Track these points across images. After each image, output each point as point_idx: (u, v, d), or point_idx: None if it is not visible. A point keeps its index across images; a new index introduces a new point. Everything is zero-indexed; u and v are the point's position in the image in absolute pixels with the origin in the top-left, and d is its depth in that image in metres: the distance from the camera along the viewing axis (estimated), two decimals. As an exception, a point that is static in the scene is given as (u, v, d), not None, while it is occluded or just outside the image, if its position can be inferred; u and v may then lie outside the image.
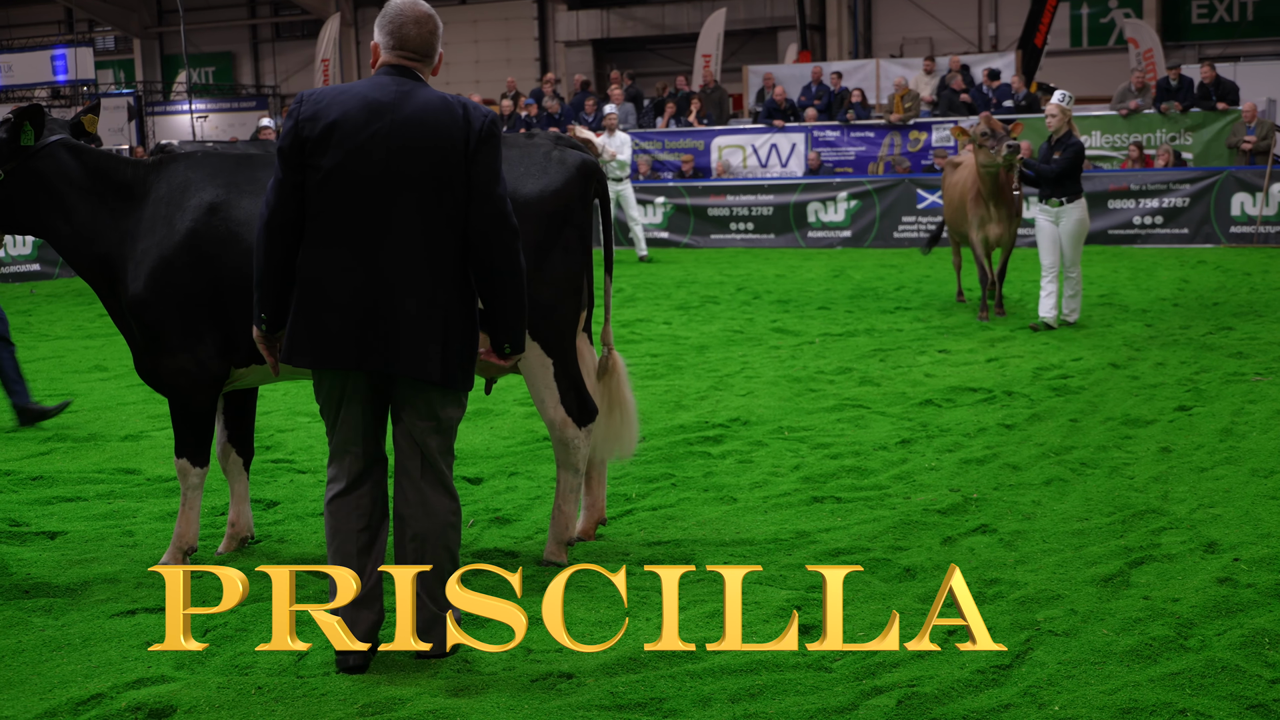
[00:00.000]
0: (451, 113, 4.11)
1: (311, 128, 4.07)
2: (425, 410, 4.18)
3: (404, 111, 4.09)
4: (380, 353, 4.08)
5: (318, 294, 4.10)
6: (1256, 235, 18.09)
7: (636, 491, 6.38)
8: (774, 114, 22.50)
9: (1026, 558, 5.25)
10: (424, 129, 4.08)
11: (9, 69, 31.29)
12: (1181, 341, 10.41)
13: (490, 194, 4.12)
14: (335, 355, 4.10)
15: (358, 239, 4.08)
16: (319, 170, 4.07)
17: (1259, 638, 4.28)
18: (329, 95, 4.14)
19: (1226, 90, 20.03)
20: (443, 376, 4.13)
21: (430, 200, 4.08)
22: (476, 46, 36.16)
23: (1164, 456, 6.81)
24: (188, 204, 5.06)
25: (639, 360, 10.24)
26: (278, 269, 4.15)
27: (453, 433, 4.29)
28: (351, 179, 4.06)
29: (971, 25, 30.69)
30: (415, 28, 4.19)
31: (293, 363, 4.17)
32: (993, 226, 11.75)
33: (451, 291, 4.14)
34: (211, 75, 39.87)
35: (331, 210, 4.08)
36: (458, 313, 4.16)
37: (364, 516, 4.22)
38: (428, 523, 4.22)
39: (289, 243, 4.13)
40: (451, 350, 4.14)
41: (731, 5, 29.82)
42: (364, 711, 3.90)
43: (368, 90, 4.13)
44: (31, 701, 4.05)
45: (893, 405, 8.25)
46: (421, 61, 4.23)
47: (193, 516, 5.33)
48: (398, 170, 4.06)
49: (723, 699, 3.98)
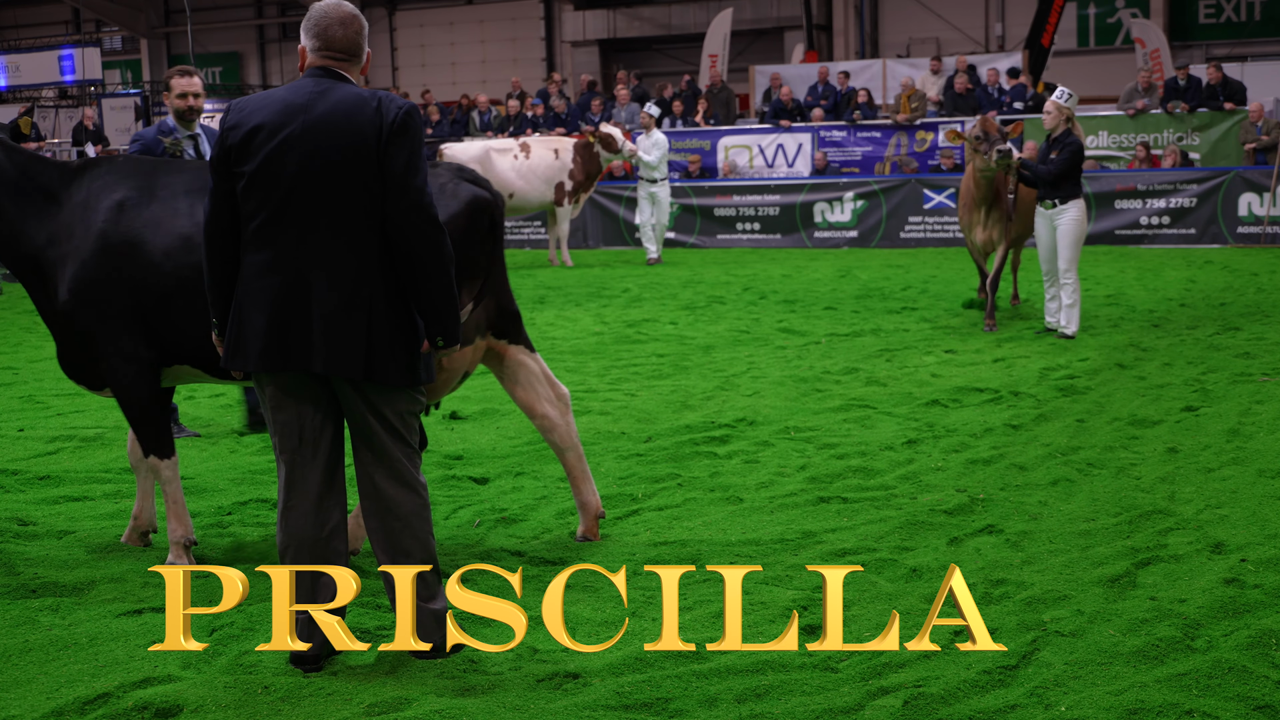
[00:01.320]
0: (364, 108, 4.12)
1: (235, 135, 4.13)
2: (366, 406, 4.18)
3: (317, 111, 4.11)
4: (305, 352, 4.09)
5: (246, 298, 4.15)
6: (1264, 235, 18.06)
7: (643, 491, 6.38)
8: (780, 114, 22.49)
9: (1033, 558, 5.25)
10: (335, 126, 4.09)
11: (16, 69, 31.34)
12: (1188, 342, 10.40)
13: (406, 185, 4.10)
14: (265, 358, 4.12)
15: (278, 241, 4.11)
16: (242, 175, 4.12)
17: (1266, 638, 4.27)
18: (253, 103, 4.19)
19: (1234, 90, 19.99)
20: (368, 372, 4.11)
21: (346, 197, 4.09)
22: (483, 46, 36.16)
23: (1171, 457, 6.80)
24: (100, 207, 5.19)
25: (645, 360, 10.25)
26: (218, 275, 4.23)
27: (404, 426, 4.25)
28: (268, 182, 4.09)
29: (978, 25, 30.65)
30: (341, 29, 4.22)
31: (231, 366, 4.22)
32: (979, 230, 11.54)
33: (376, 287, 4.13)
34: (218, 75, 39.91)
35: (254, 214, 4.13)
36: (384, 308, 4.14)
37: (315, 525, 4.20)
38: (392, 519, 4.23)
39: (225, 249, 4.20)
40: (379, 346, 4.12)
41: (738, 5, 29.81)
42: (370, 711, 3.91)
43: (287, 94, 4.18)
44: (38, 700, 4.06)
45: (899, 405, 8.25)
46: (348, 61, 4.25)
47: (180, 511, 5.38)
48: (311, 170, 4.08)
49: (729, 699, 3.98)
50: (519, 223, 21.97)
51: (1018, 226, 11.64)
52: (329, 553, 4.23)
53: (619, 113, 23.05)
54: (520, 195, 17.89)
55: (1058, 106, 10.65)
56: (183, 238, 5.09)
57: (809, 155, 22.06)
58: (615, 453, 7.15)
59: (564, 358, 10.43)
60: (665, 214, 18.63)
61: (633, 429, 7.73)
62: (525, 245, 22.09)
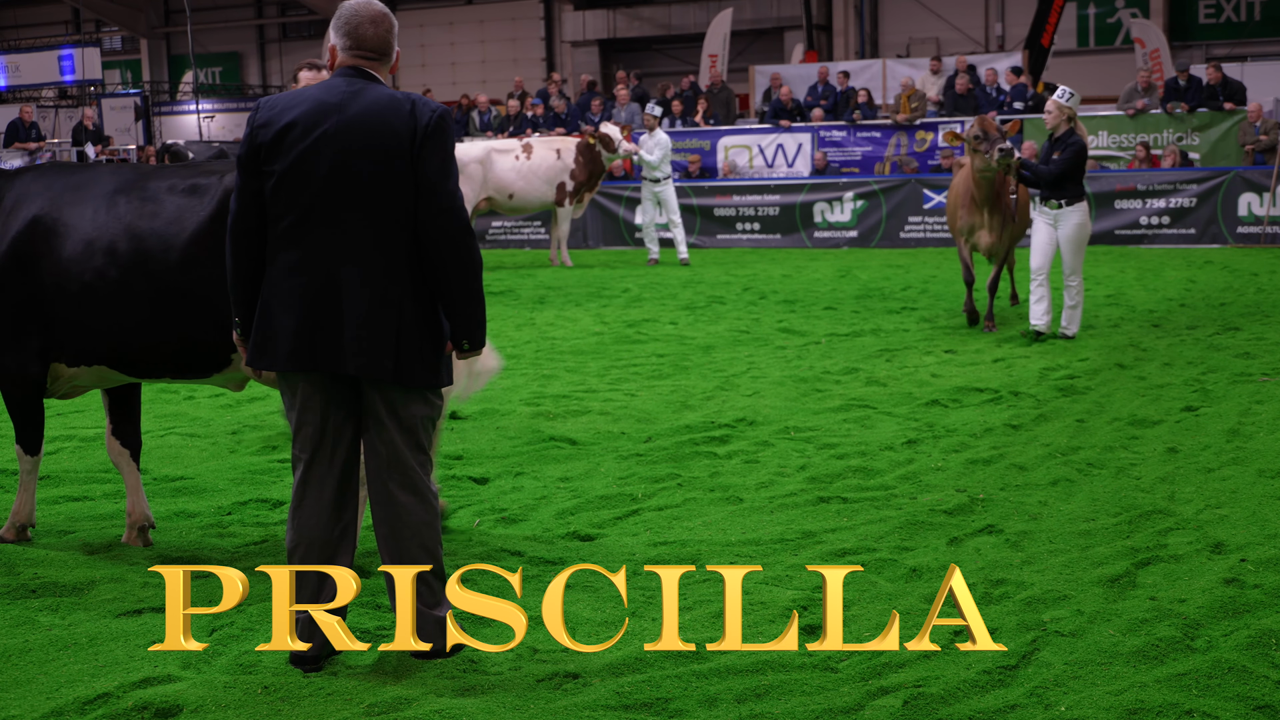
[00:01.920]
0: (398, 110, 4.12)
1: (266, 133, 4.12)
2: (386, 409, 4.17)
3: (351, 111, 4.10)
4: (334, 353, 4.09)
5: (275, 297, 4.14)
6: (1264, 236, 18.07)
7: (643, 491, 6.38)
8: (780, 114, 22.49)
9: (1033, 558, 5.25)
10: (369, 128, 4.08)
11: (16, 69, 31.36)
12: (1188, 342, 10.40)
13: (438, 189, 4.10)
14: (292, 358, 4.11)
15: (308, 240, 4.10)
16: (272, 175, 4.11)
17: (1266, 638, 4.27)
18: (283, 101, 4.18)
19: (1234, 90, 19.99)
20: (396, 374, 4.11)
21: (379, 199, 4.09)
22: (483, 46, 36.17)
23: (1171, 457, 6.80)
24: (19, 215, 5.34)
25: (645, 360, 10.25)
26: (243, 274, 4.22)
27: (421, 431, 4.25)
28: (300, 180, 4.08)
29: (978, 25, 30.66)
30: (372, 27, 4.21)
31: (255, 366, 4.21)
32: (984, 234, 11.18)
33: (405, 288, 4.13)
34: (218, 75, 39.93)
35: (284, 213, 4.11)
36: (413, 310, 4.14)
37: (326, 527, 4.21)
38: (400, 524, 4.21)
39: (251, 248, 4.19)
40: (408, 348, 4.12)
41: (738, 5, 29.81)
42: (370, 711, 3.91)
43: (319, 93, 4.16)
44: (38, 701, 4.06)
45: (899, 405, 8.25)
46: (378, 60, 4.24)
47: (27, 497, 5.68)
48: (345, 170, 4.07)
49: (728, 699, 3.98)
50: (519, 223, 21.96)
51: (1018, 227, 11.36)
52: (337, 554, 4.24)
53: (619, 113, 23.05)
54: (520, 196, 17.85)
55: (1059, 106, 10.46)
56: (87, 241, 5.21)
57: (809, 155, 22.06)
58: (615, 453, 7.16)
59: (564, 358, 10.43)
60: (676, 212, 18.26)
61: (632, 429, 7.73)
62: (525, 245, 22.09)
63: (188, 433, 7.86)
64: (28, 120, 25.28)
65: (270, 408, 8.53)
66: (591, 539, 5.65)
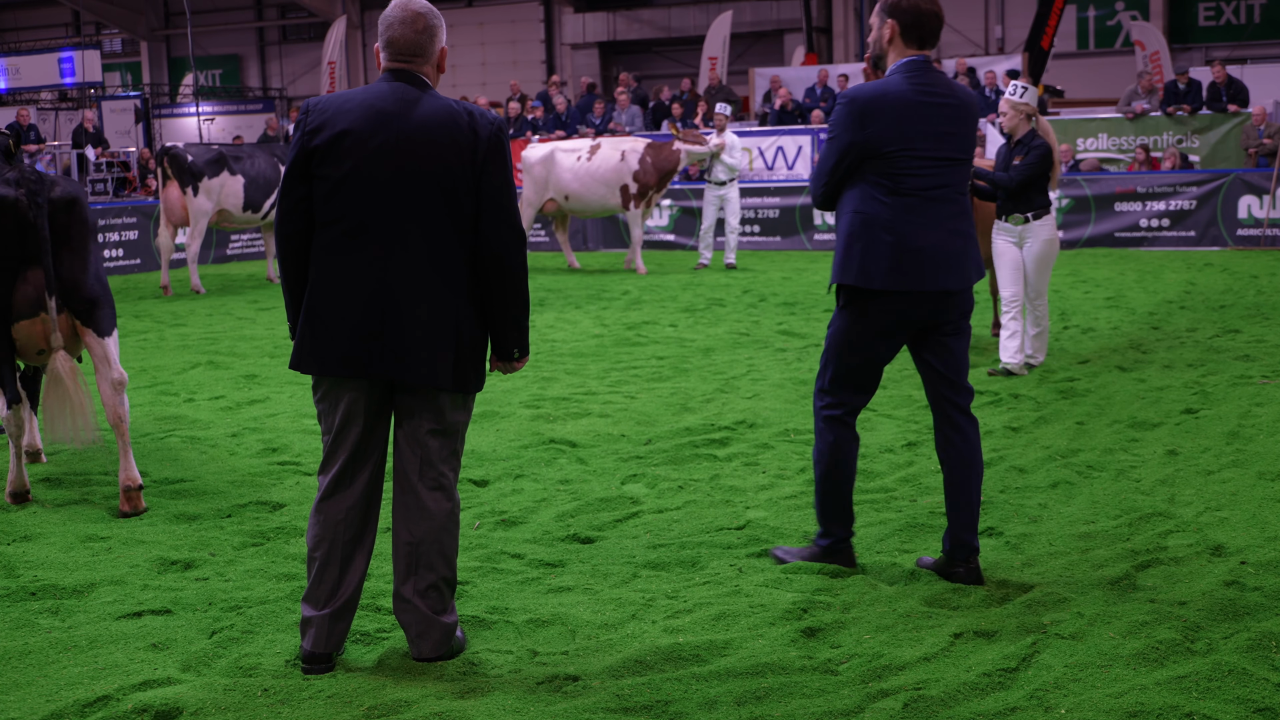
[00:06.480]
0: (458, 122, 4.11)
1: (320, 138, 4.09)
2: (434, 415, 4.19)
3: (411, 121, 4.09)
4: (391, 360, 4.10)
5: (326, 302, 4.12)
6: (1263, 238, 18.07)
7: (643, 493, 6.37)
8: (781, 116, 22.49)
9: (1033, 560, 5.25)
10: (431, 139, 4.08)
11: (16, 71, 31.38)
12: (1188, 344, 10.40)
13: (502, 202, 4.14)
14: (344, 363, 4.11)
15: (367, 247, 4.10)
16: (327, 180, 4.09)
17: (1266, 641, 4.27)
18: (334, 104, 4.15)
19: (1238, 91, 19.98)
20: (455, 382, 4.15)
21: (438, 209, 4.10)
22: (483, 49, 36.19)
23: (1171, 459, 6.80)
24: None
25: (645, 363, 10.25)
26: (291, 277, 4.21)
27: (459, 436, 4.29)
28: (361, 188, 4.07)
29: (978, 27, 30.68)
30: (403, 29, 4.18)
31: (301, 369, 4.19)
32: None
33: (462, 297, 4.16)
34: (218, 78, 39.94)
35: (341, 219, 4.10)
36: (468, 318, 4.18)
37: (352, 526, 4.23)
38: (424, 525, 4.22)
39: (300, 250, 4.18)
40: (464, 355, 4.16)
41: (738, 8, 29.85)
42: (370, 714, 3.91)
43: (373, 99, 4.13)
44: (38, 703, 4.05)
45: (899, 408, 8.25)
46: (419, 61, 4.20)
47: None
48: (406, 180, 4.08)
49: (729, 701, 3.97)
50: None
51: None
52: (354, 556, 4.26)
53: (619, 115, 23.07)
54: (576, 198, 17.32)
55: (1013, 105, 9.12)
56: None
57: (809, 157, 22.07)
58: (615, 455, 7.16)
59: (564, 360, 10.43)
60: (737, 215, 17.69)
61: (632, 431, 7.73)
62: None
63: (187, 435, 7.86)
64: (25, 123, 25.27)
65: (272, 411, 8.53)
66: (591, 541, 5.65)
